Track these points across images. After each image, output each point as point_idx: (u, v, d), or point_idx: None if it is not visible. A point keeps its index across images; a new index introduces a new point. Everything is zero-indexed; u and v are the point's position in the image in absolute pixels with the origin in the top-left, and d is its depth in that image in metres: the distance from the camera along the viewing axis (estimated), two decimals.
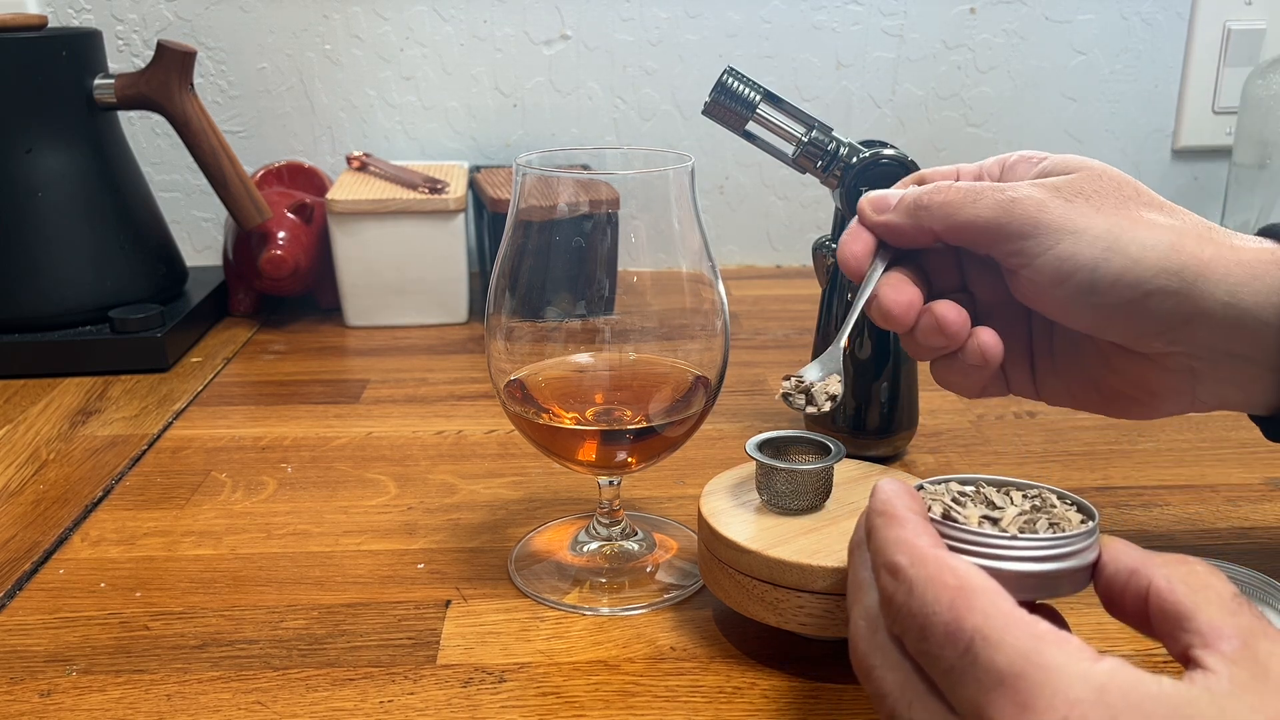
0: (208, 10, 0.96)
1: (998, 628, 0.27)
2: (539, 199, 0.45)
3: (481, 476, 0.59)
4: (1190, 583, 0.29)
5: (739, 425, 0.66)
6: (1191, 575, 0.29)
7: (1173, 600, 0.28)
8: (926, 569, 0.29)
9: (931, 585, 0.28)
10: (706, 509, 0.44)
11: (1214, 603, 0.28)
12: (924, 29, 1.00)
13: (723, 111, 0.56)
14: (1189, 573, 0.29)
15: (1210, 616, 0.27)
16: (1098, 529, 0.33)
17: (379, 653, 0.43)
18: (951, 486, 0.36)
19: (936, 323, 0.42)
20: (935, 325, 0.42)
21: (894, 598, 0.30)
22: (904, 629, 0.29)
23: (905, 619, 0.29)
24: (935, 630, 0.28)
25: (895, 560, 0.30)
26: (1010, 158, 0.45)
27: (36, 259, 0.76)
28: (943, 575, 0.29)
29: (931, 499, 0.35)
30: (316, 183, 0.92)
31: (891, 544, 0.31)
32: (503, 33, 0.98)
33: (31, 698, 0.41)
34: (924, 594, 0.28)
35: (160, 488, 0.58)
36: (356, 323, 0.86)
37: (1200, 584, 0.29)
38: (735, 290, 0.97)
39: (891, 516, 0.32)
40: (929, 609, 0.28)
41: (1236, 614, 0.28)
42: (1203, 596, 0.28)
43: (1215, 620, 0.27)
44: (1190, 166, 1.06)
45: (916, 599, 0.29)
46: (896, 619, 0.30)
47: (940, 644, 0.28)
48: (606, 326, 0.46)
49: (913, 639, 0.29)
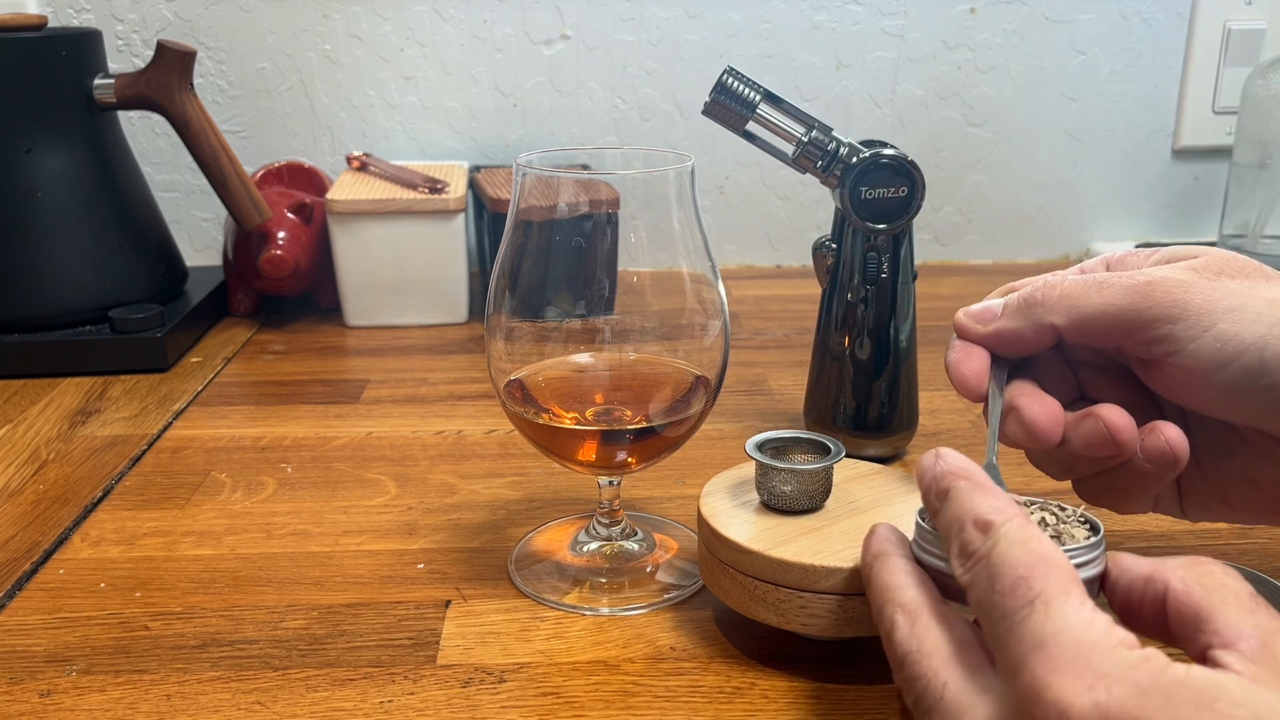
0: (208, 10, 0.96)
1: (1059, 599, 0.27)
2: (539, 199, 0.45)
3: (481, 476, 0.59)
4: (1206, 584, 0.29)
5: (739, 425, 0.66)
6: (1207, 576, 0.29)
7: (1190, 602, 0.29)
8: (1021, 532, 0.30)
9: (1022, 546, 0.29)
10: (706, 509, 0.44)
11: (1231, 602, 0.28)
12: (924, 29, 1.00)
13: (723, 111, 0.56)
14: (1204, 573, 0.29)
15: (1228, 617, 0.28)
16: (1104, 542, 0.33)
17: (379, 653, 0.43)
18: None
19: (1105, 429, 0.37)
20: (1101, 433, 0.37)
21: (978, 550, 0.30)
22: (975, 578, 0.30)
23: (981, 568, 0.30)
24: (1005, 579, 0.28)
25: (990, 518, 0.30)
26: (1114, 255, 0.41)
27: (36, 259, 0.76)
28: (1032, 543, 0.29)
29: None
30: (316, 183, 0.92)
31: (985, 505, 0.31)
32: (503, 33, 0.98)
33: (31, 698, 0.41)
34: (1009, 550, 0.29)
35: (160, 488, 0.58)
36: (356, 323, 0.86)
37: (1216, 584, 0.29)
38: (735, 290, 0.97)
39: (979, 484, 0.32)
40: (1009, 562, 0.29)
41: (1254, 613, 0.28)
42: (1219, 597, 0.28)
43: (1233, 620, 0.27)
44: (1190, 166, 1.06)
45: (1000, 552, 0.29)
46: (972, 567, 0.30)
47: (1005, 593, 0.28)
48: (606, 326, 0.46)
49: (981, 587, 0.29)
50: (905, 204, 0.56)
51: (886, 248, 0.57)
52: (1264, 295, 0.36)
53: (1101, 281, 0.38)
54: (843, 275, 0.58)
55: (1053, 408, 0.38)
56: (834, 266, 0.59)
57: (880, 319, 0.58)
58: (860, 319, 0.58)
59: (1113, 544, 0.51)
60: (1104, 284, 0.38)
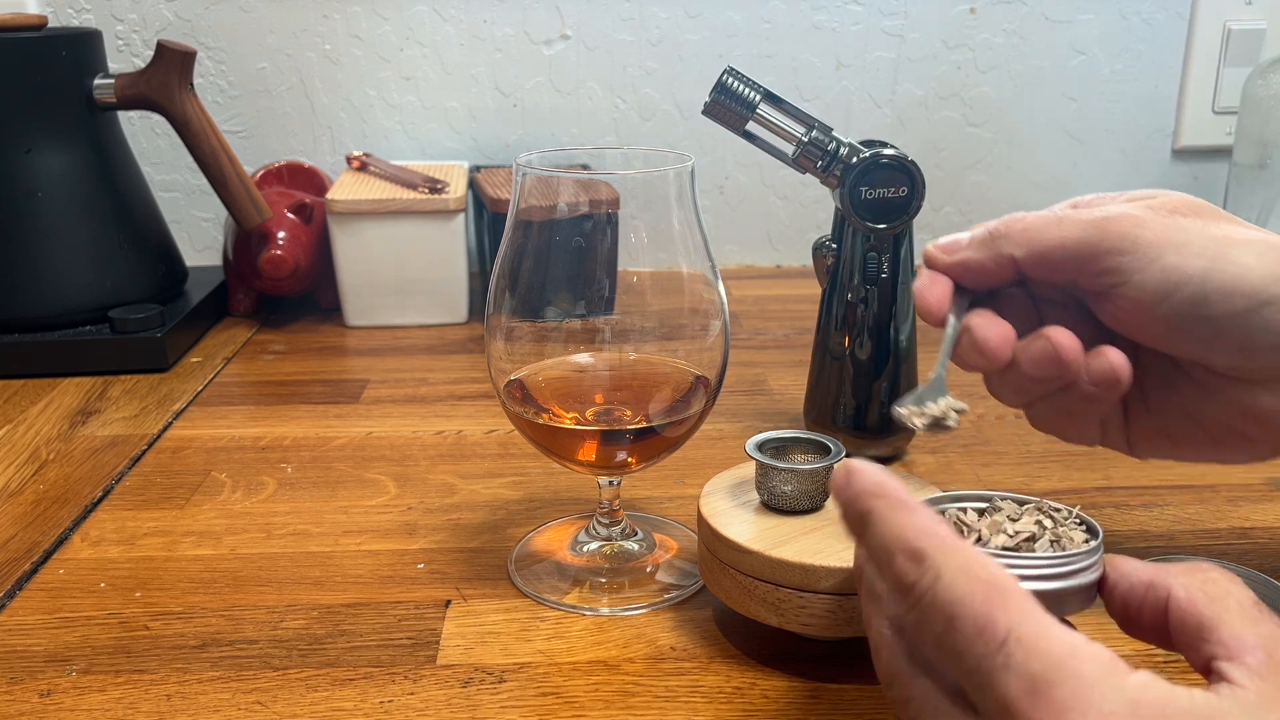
0: (208, 10, 0.96)
1: (1033, 631, 0.26)
2: (539, 199, 0.45)
3: (481, 476, 0.59)
4: (1210, 592, 0.28)
5: (739, 425, 0.66)
6: (1210, 584, 0.29)
7: (1193, 611, 0.28)
8: (957, 558, 0.27)
9: (962, 574, 0.27)
10: (706, 509, 0.44)
11: (1235, 612, 0.28)
12: (924, 29, 1.00)
13: (723, 111, 0.56)
14: (1207, 581, 0.29)
15: (1233, 627, 0.27)
16: (1102, 547, 0.33)
17: (379, 653, 0.43)
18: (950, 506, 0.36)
19: (1052, 348, 0.38)
20: (1049, 351, 0.38)
21: (916, 584, 0.28)
22: (924, 618, 0.28)
23: (928, 607, 0.27)
24: (965, 623, 0.26)
25: (919, 546, 0.28)
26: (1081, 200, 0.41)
27: (36, 259, 0.76)
28: (972, 567, 0.27)
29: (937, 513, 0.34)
30: (316, 183, 0.92)
31: (910, 530, 0.28)
32: (503, 33, 0.98)
33: (31, 698, 0.41)
34: (955, 583, 0.27)
35: (160, 488, 0.58)
36: (356, 323, 0.86)
37: (1220, 593, 0.28)
38: (735, 290, 0.97)
39: (898, 502, 0.29)
40: (959, 600, 0.26)
41: (1259, 623, 0.27)
42: (1223, 606, 0.28)
43: (1238, 631, 0.27)
44: (1190, 166, 1.06)
45: (944, 588, 0.27)
46: (916, 606, 0.28)
47: (970, 638, 0.26)
48: (606, 326, 0.46)
49: (934, 630, 0.27)
50: (905, 204, 0.56)
51: (886, 248, 0.57)
52: (1211, 232, 0.37)
53: (1061, 217, 0.39)
54: (843, 275, 0.58)
55: (1004, 329, 0.39)
56: (834, 266, 0.59)
57: (880, 319, 0.58)
58: (860, 319, 0.58)
59: (1111, 544, 0.51)
60: (1063, 219, 0.39)
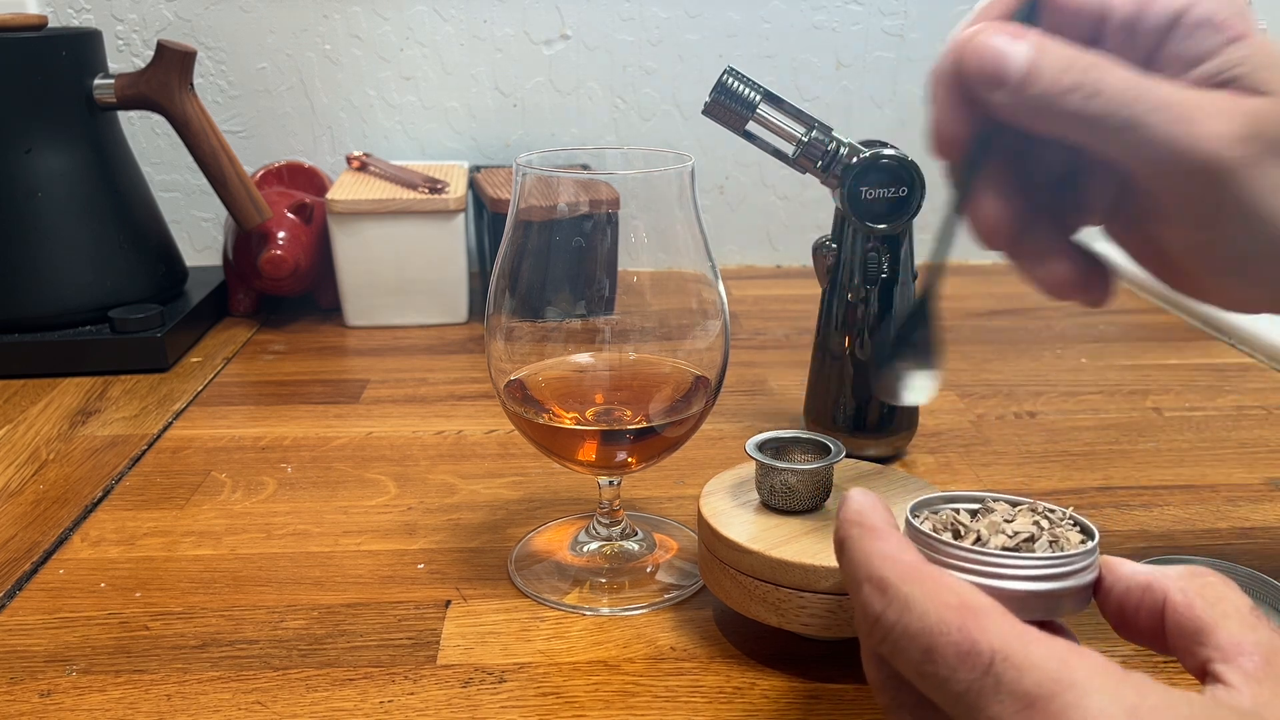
0: (208, 10, 0.96)
1: (1019, 648, 0.25)
2: (539, 199, 0.45)
3: (481, 476, 0.59)
4: (1207, 596, 0.29)
5: (739, 425, 0.66)
6: (1207, 588, 0.29)
7: (1191, 615, 0.28)
8: (922, 585, 0.28)
9: (931, 602, 0.27)
10: (706, 509, 0.44)
11: (1232, 617, 0.28)
12: (924, 29, 1.00)
13: (723, 111, 0.56)
14: (1204, 585, 0.29)
15: (1230, 631, 0.27)
16: (1098, 548, 0.33)
17: (379, 653, 0.43)
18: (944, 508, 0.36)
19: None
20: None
21: (883, 615, 0.28)
22: (898, 649, 0.28)
23: (902, 639, 0.27)
24: (945, 651, 0.26)
25: (881, 575, 0.28)
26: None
27: (36, 259, 0.76)
28: (940, 593, 0.27)
29: (931, 514, 0.34)
30: (316, 183, 0.92)
31: (875, 558, 0.29)
32: (503, 33, 0.98)
33: (31, 698, 0.41)
34: (924, 612, 0.27)
35: (160, 488, 0.58)
36: (356, 323, 0.86)
37: (1217, 597, 0.28)
38: (735, 290, 0.97)
39: (869, 529, 0.30)
40: (935, 628, 0.27)
41: (1256, 629, 0.27)
42: (1220, 610, 0.28)
43: (1235, 635, 0.27)
44: None
45: (915, 617, 0.27)
46: (887, 638, 0.28)
47: (953, 665, 0.26)
48: (606, 326, 0.46)
49: (912, 660, 0.27)
50: (905, 204, 0.56)
51: (886, 248, 0.57)
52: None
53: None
54: (843, 275, 0.58)
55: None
56: (834, 266, 0.59)
57: (880, 319, 0.58)
58: (860, 319, 0.58)
59: (1111, 544, 0.51)
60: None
